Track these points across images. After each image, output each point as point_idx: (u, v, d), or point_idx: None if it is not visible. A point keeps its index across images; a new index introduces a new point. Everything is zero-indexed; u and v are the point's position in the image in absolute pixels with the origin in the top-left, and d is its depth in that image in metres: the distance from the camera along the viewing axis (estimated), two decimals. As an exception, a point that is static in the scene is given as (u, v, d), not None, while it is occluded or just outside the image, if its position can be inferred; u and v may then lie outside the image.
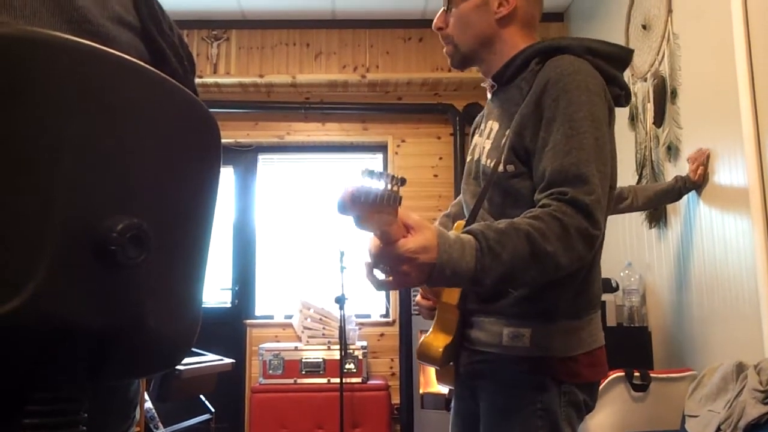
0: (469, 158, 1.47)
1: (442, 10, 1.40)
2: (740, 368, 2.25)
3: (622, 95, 1.33)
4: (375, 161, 5.19)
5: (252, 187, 5.12)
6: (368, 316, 4.94)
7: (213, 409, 3.22)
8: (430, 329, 1.39)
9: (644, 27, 3.34)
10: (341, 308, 4.21)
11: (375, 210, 0.96)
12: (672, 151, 3.02)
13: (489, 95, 1.44)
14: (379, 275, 1.10)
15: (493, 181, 1.29)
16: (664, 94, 3.09)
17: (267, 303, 5.03)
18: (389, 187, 0.95)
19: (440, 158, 4.97)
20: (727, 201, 2.60)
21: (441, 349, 1.35)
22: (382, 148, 5.12)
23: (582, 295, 1.29)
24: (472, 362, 1.37)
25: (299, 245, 5.07)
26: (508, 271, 1.07)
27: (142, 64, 0.67)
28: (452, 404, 1.51)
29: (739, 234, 2.50)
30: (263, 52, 4.81)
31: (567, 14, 4.67)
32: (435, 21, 1.41)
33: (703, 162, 2.70)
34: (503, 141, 1.29)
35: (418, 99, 5.02)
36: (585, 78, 1.22)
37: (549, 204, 1.13)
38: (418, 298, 1.51)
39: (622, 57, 1.33)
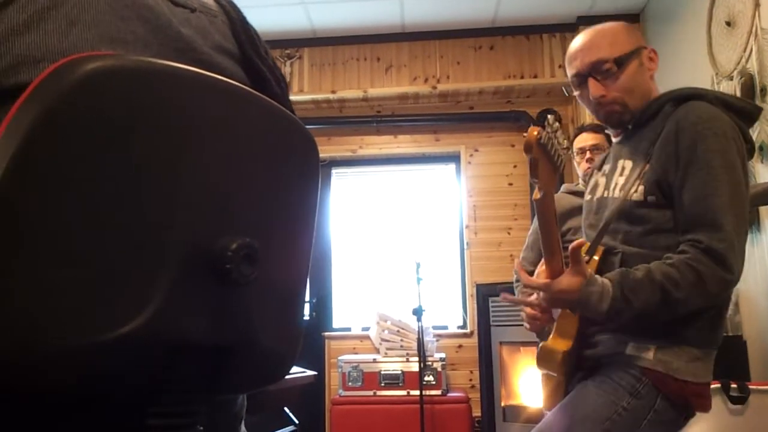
0: (588, 197, 1.57)
1: (593, 80, 1.46)
2: None
3: (747, 148, 1.40)
4: (447, 171, 5.18)
5: (326, 201, 5.20)
6: (445, 328, 4.92)
7: (297, 421, 3.27)
8: (550, 336, 1.41)
9: (728, 24, 3.20)
10: (419, 320, 4.20)
11: (549, 161, 1.12)
12: (764, 151, 2.88)
13: (617, 138, 1.55)
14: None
15: (626, 210, 1.40)
16: (752, 93, 2.96)
17: (344, 315, 5.08)
18: (565, 148, 1.12)
19: (514, 166, 4.91)
20: (828, 202, 2.45)
21: (561, 354, 1.40)
22: (454, 158, 5.11)
23: (708, 330, 1.38)
24: (587, 375, 1.42)
25: (375, 257, 5.10)
26: (636, 314, 1.27)
27: (250, 89, 0.69)
28: None
29: (844, 236, 2.35)
30: (335, 68, 4.89)
31: (643, 15, 4.54)
32: (594, 91, 1.46)
33: None
34: (641, 173, 1.40)
35: (490, 107, 4.98)
36: (721, 125, 1.32)
37: (686, 251, 1.27)
38: (528, 309, 1.54)
39: (750, 112, 1.42)
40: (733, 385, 2.52)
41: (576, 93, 1.51)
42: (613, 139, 1.58)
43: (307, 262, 0.83)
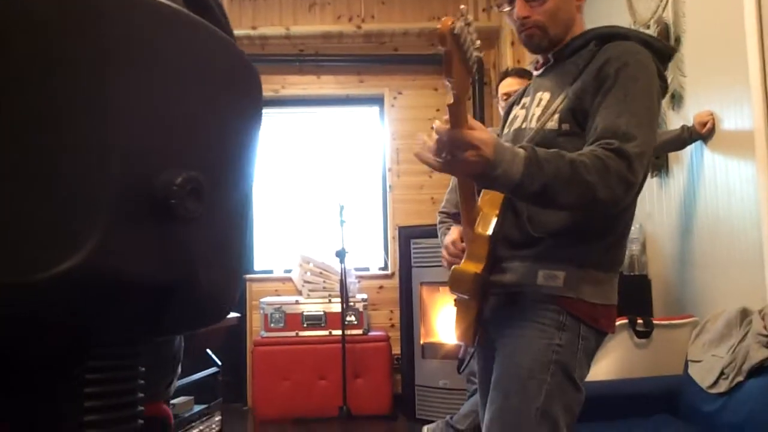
0: (506, 130, 1.59)
1: (522, 1, 1.49)
2: (744, 314, 2.30)
3: (662, 87, 1.46)
4: (371, 113, 5.15)
5: (247, 141, 5.07)
6: (367, 269, 4.98)
7: (219, 362, 3.26)
8: (462, 261, 1.43)
9: (648, -27, 3.27)
10: (341, 262, 4.23)
11: (462, 60, 1.10)
12: (676, 99, 3.01)
13: (537, 72, 1.58)
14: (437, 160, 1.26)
15: (542, 140, 1.40)
16: (667, 42, 3.06)
17: (266, 258, 5.04)
18: (477, 48, 1.09)
19: (437, 110, 4.93)
20: (732, 148, 2.61)
21: (472, 275, 1.40)
22: (378, 100, 5.07)
23: (611, 252, 1.43)
24: (500, 305, 1.45)
25: (298, 200, 5.06)
26: (549, 185, 1.21)
27: (194, 15, 0.65)
28: (477, 363, 1.56)
29: (744, 181, 2.51)
30: (256, 3, 4.71)
31: (566, -40, 4.57)
32: (519, 11, 1.49)
33: (711, 120, 2.69)
34: (558, 104, 1.42)
35: (415, 50, 4.95)
36: (644, 59, 1.38)
37: (595, 149, 1.27)
38: (446, 255, 1.55)
39: (666, 52, 1.49)
40: (639, 321, 2.70)
41: (505, 10, 1.54)
42: (534, 73, 1.60)
43: (250, 199, 0.80)
